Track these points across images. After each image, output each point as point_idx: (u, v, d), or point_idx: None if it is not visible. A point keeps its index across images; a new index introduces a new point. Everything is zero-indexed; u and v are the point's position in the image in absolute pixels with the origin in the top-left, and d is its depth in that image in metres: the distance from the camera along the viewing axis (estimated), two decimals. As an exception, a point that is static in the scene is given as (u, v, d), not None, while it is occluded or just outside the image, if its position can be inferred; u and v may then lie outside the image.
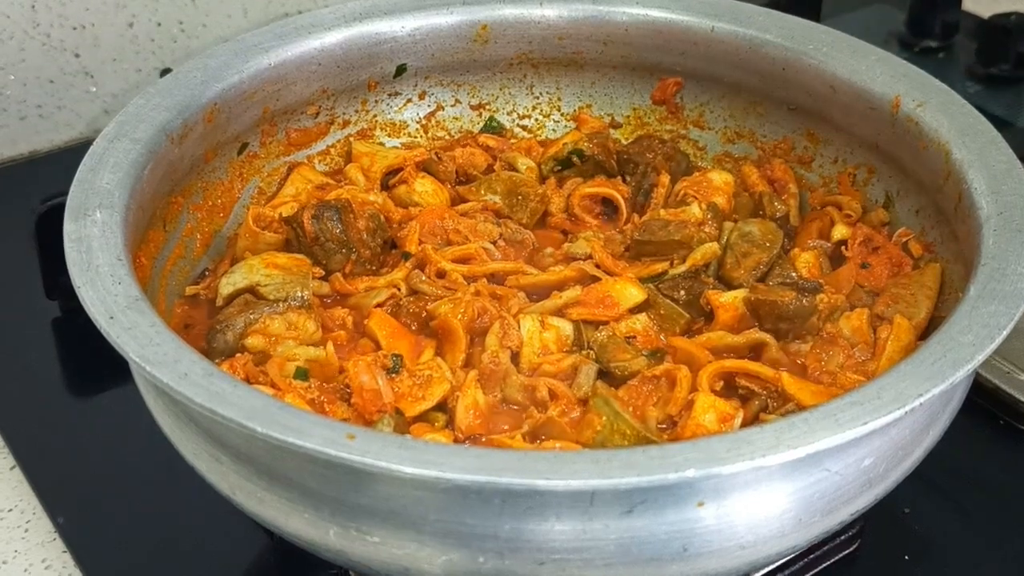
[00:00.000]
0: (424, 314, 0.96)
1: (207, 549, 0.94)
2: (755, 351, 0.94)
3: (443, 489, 0.68)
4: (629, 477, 0.64)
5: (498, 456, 0.66)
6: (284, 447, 0.67)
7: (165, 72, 1.07)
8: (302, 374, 0.88)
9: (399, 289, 1.00)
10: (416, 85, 1.17)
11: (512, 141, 1.19)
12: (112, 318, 0.75)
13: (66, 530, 0.95)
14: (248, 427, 0.67)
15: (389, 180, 1.12)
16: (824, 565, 0.91)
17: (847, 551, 0.92)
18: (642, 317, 0.96)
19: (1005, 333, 0.74)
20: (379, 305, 0.98)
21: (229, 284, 0.97)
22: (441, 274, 1.01)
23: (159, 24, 1.45)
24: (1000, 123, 0.99)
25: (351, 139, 1.16)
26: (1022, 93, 1.53)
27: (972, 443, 1.03)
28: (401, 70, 1.15)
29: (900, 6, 1.67)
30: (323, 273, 1.01)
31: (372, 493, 0.69)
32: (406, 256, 1.03)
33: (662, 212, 1.07)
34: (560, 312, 0.96)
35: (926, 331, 0.93)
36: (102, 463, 1.01)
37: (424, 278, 1.00)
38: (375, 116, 1.17)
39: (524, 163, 1.14)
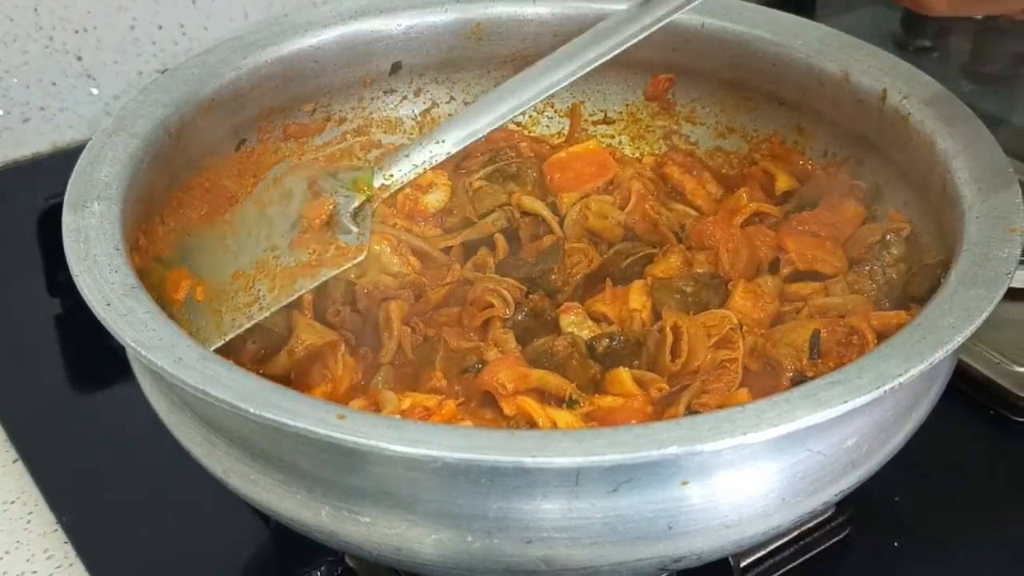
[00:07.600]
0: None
1: (208, 540, 0.95)
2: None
3: (432, 469, 0.69)
4: (613, 455, 0.65)
5: (485, 435, 0.68)
6: (276, 427, 0.68)
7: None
8: None
9: None
10: (411, 82, 1.18)
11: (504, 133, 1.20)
12: (109, 305, 0.76)
13: (68, 521, 0.96)
14: (242, 408, 0.68)
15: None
16: (814, 552, 0.91)
17: (837, 538, 0.93)
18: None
19: (985, 315, 0.75)
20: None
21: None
22: None
23: (160, 27, 1.46)
24: (995, 122, 0.99)
25: (347, 136, 1.17)
26: (1016, 92, 1.54)
27: (963, 433, 1.04)
28: (396, 67, 1.16)
29: (895, 6, 1.67)
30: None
31: (363, 473, 0.70)
32: None
33: None
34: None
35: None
36: (104, 457, 1.02)
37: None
38: (371, 113, 1.18)
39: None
